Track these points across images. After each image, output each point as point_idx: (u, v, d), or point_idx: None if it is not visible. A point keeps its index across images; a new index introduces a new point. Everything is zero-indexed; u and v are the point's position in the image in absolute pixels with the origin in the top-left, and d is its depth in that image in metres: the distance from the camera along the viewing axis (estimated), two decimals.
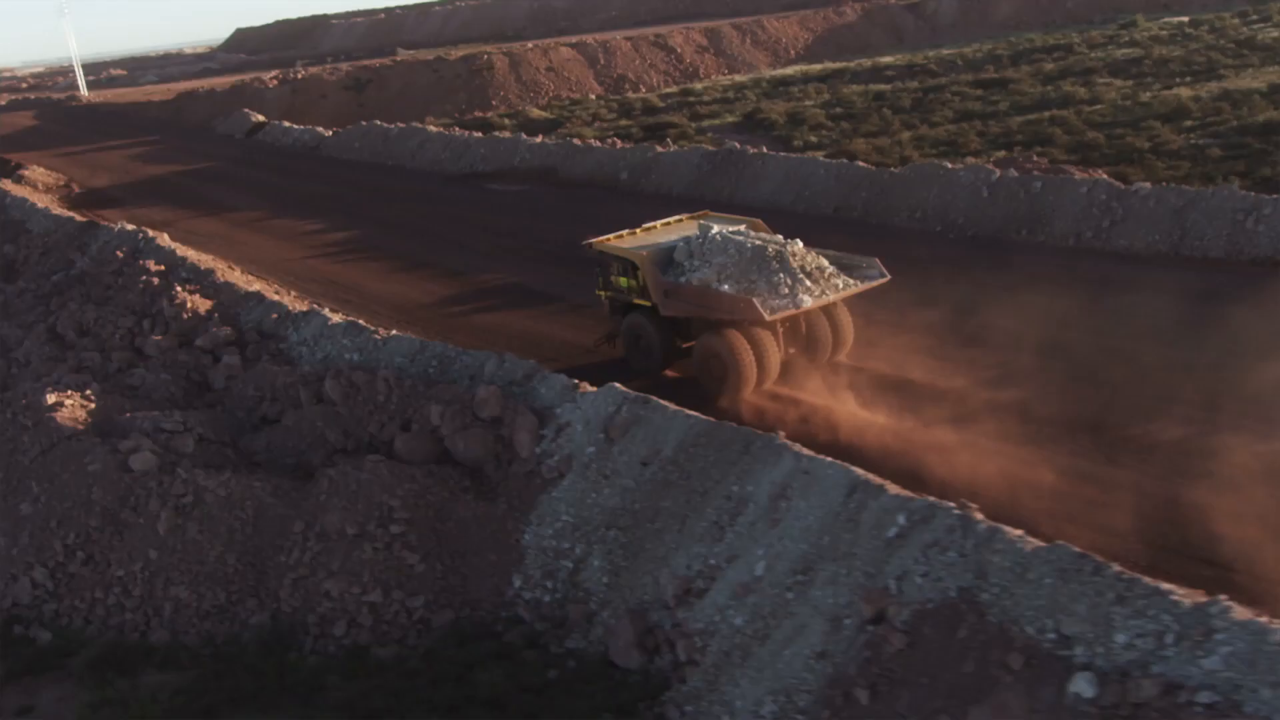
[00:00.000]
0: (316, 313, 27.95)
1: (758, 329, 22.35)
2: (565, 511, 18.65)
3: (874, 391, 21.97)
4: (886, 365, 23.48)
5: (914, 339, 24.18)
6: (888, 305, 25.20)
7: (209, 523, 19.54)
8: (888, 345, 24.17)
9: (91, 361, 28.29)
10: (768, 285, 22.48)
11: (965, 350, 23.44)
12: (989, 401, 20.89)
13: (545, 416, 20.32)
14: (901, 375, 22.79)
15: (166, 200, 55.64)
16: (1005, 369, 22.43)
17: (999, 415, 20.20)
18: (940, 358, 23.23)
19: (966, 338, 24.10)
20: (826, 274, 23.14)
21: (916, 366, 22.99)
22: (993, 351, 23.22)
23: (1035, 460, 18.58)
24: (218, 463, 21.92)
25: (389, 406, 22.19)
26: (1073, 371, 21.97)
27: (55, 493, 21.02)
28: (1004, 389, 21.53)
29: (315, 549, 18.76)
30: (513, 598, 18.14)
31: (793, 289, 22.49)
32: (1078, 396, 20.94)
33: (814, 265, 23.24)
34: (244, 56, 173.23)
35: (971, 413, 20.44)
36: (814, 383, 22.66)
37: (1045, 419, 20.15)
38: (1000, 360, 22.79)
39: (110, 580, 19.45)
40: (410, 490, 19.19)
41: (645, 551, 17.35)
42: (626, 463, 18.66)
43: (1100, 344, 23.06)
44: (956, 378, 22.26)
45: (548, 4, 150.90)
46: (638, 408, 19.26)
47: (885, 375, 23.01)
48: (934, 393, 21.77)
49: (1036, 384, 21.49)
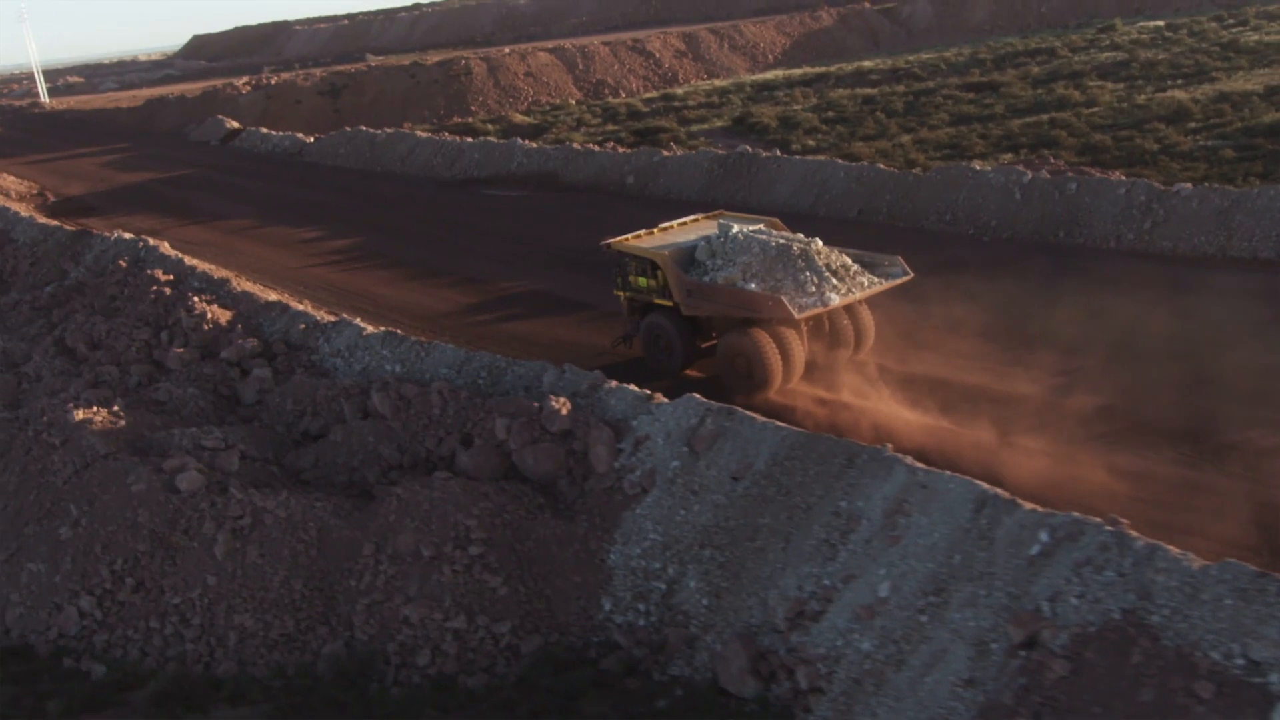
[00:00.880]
0: (347, 322, 26.87)
1: (783, 327, 22.24)
2: (653, 530, 17.74)
3: (946, 399, 21.26)
4: (952, 371, 22.77)
5: (976, 344, 23.54)
6: (941, 309, 24.59)
7: (270, 546, 18.47)
8: (950, 350, 23.48)
9: (109, 375, 27.07)
10: (794, 283, 22.34)
11: (1034, 354, 22.78)
12: (1073, 408, 20.20)
13: (620, 429, 19.39)
14: (974, 382, 22.06)
15: (149, 208, 54.21)
16: (1080, 374, 21.82)
17: (1088, 423, 19.55)
18: (1011, 363, 22.59)
19: (1031, 342, 23.46)
20: (851, 272, 23.03)
21: (987, 373, 22.32)
22: (1063, 356, 22.59)
23: (1138, 470, 17.91)
24: (264, 481, 20.86)
25: (445, 420, 21.20)
26: (1153, 375, 21.35)
27: (97, 515, 19.85)
28: (1085, 394, 20.86)
29: (389, 572, 17.73)
30: (603, 621, 17.20)
31: (819, 287, 22.37)
32: (1166, 401, 20.31)
33: (839, 263, 23.10)
34: (204, 63, 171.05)
35: (1059, 420, 19.73)
36: (882, 392, 21.92)
37: (1137, 425, 19.54)
38: (1074, 365, 22.18)
39: (165, 608, 18.32)
40: (486, 509, 18.21)
41: (747, 571, 16.48)
42: (715, 477, 17.78)
43: (1173, 347, 22.41)
44: (1034, 384, 21.56)
45: (515, 9, 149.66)
46: (722, 419, 18.39)
47: (952, 381, 22.30)
48: (1013, 400, 21.06)
49: (1118, 389, 20.90)
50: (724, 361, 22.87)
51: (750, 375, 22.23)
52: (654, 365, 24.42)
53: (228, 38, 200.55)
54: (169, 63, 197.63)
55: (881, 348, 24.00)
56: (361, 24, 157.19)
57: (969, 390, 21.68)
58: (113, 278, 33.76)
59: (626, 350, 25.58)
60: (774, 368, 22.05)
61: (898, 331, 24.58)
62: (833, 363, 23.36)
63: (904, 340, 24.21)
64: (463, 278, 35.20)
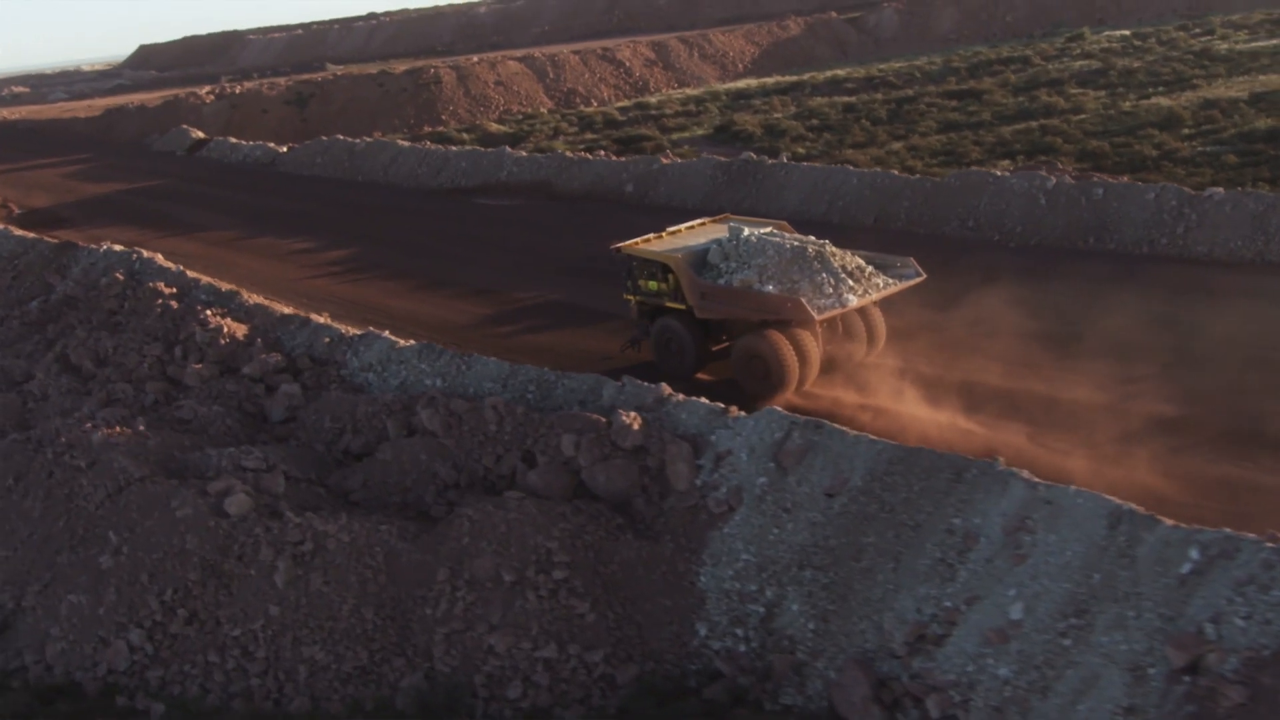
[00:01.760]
0: (376, 336, 25.84)
1: (799, 329, 22.24)
2: (744, 550, 16.92)
3: (1001, 408, 20.68)
4: (1007, 379, 22.15)
5: (1033, 350, 22.96)
6: (988, 316, 24.05)
7: (335, 572, 17.45)
8: (1006, 358, 22.84)
9: (123, 393, 25.88)
10: (811, 285, 22.44)
11: (1095, 361, 22.18)
12: (1147, 416, 19.61)
13: (698, 445, 18.55)
14: (1041, 391, 21.43)
15: (124, 220, 52.59)
16: (1145, 381, 21.25)
17: (1166, 432, 18.96)
18: (1073, 370, 22.00)
19: (1086, 348, 22.86)
20: (866, 273, 23.16)
21: (1047, 380, 21.72)
22: (1121, 363, 22.02)
23: (1239, 482, 17.32)
24: (312, 503, 19.85)
25: (502, 437, 20.25)
26: (1224, 382, 20.79)
27: (139, 542, 18.75)
28: (1152, 402, 20.29)
29: (468, 599, 16.77)
30: (699, 648, 16.35)
31: (836, 288, 22.50)
32: (1240, 409, 19.72)
33: (853, 265, 23.23)
34: (155, 73, 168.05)
35: (1134, 430, 19.13)
36: (938, 399, 21.25)
37: (1221, 434, 18.95)
38: (1137, 372, 21.60)
39: (225, 641, 17.25)
40: (565, 530, 17.31)
41: (855, 593, 15.70)
42: (808, 494, 16.99)
43: (1241, 354, 21.87)
44: (1102, 391, 20.97)
45: (475, 18, 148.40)
46: (810, 433, 17.61)
47: (1014, 390, 21.69)
48: (1083, 408, 20.46)
49: (1188, 395, 20.33)
50: (740, 364, 22.76)
51: (767, 377, 22.18)
52: (665, 369, 24.19)
53: (176, 47, 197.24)
54: (117, 72, 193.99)
55: (933, 355, 23.53)
56: (317, 33, 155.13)
57: (1032, 398, 21.06)
58: (110, 291, 32.45)
59: (635, 354, 25.46)
60: (791, 369, 22.06)
61: (948, 339, 24.03)
62: (846, 364, 23.44)
63: (956, 347, 23.64)
64: (473, 288, 34.20)
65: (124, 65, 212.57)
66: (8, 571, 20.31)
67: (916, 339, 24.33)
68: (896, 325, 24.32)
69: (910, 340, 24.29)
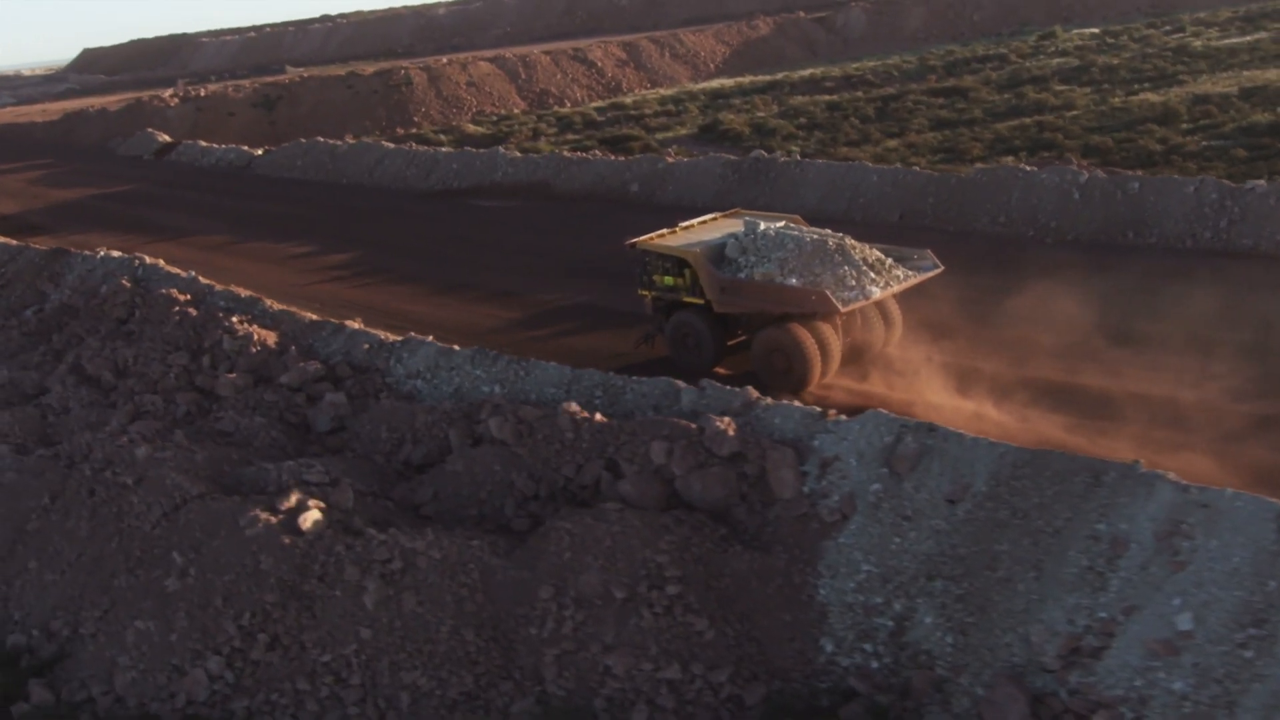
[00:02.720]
0: (419, 341, 24.79)
1: (820, 322, 22.30)
2: (864, 560, 16.12)
3: (1093, 408, 20.11)
4: (1091, 376, 21.59)
5: (1107, 347, 22.43)
6: (1052, 313, 23.54)
7: (428, 592, 16.46)
8: (1086, 356, 22.28)
9: (152, 405, 24.65)
10: (834, 278, 22.41)
11: (1177, 358, 21.61)
12: (1248, 413, 19.07)
13: (800, 450, 17.73)
14: (1132, 389, 20.83)
15: (101, 226, 51.00)
16: (1234, 377, 20.67)
17: (1272, 429, 18.43)
18: (1156, 368, 21.43)
19: (1165, 344, 22.29)
20: (887, 265, 23.15)
21: (1140, 379, 21.14)
22: (1205, 359, 21.43)
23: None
24: (383, 518, 18.83)
25: (580, 445, 19.31)
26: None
27: (207, 563, 17.65)
28: (1253, 400, 19.74)
29: (577, 618, 15.84)
30: (826, 665, 15.52)
31: (859, 280, 22.50)
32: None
33: (873, 258, 23.23)
34: (104, 77, 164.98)
35: (1237, 428, 18.59)
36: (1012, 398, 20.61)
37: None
38: (1224, 368, 21.01)
39: (314, 667, 16.20)
40: (672, 542, 16.43)
41: (994, 605, 14.94)
42: (928, 501, 16.23)
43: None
44: (1192, 389, 20.40)
45: (434, 20, 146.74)
46: (924, 436, 16.85)
47: (1090, 386, 21.15)
48: (1176, 405, 19.87)
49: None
50: (761, 358, 22.75)
51: (789, 371, 22.22)
52: (682, 364, 24.11)
53: (123, 51, 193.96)
54: (62, 76, 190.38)
55: (1011, 353, 22.97)
56: (273, 36, 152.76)
57: (1127, 398, 20.44)
58: (117, 299, 31.09)
59: (649, 350, 25.38)
60: (814, 362, 22.10)
61: (1016, 337, 23.46)
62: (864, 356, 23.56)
63: (1030, 346, 23.06)
64: (492, 292, 33.20)
65: (68, 69, 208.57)
66: (57, 596, 19.12)
67: (988, 337, 23.71)
68: (974, 326, 23.88)
69: (986, 339, 23.68)
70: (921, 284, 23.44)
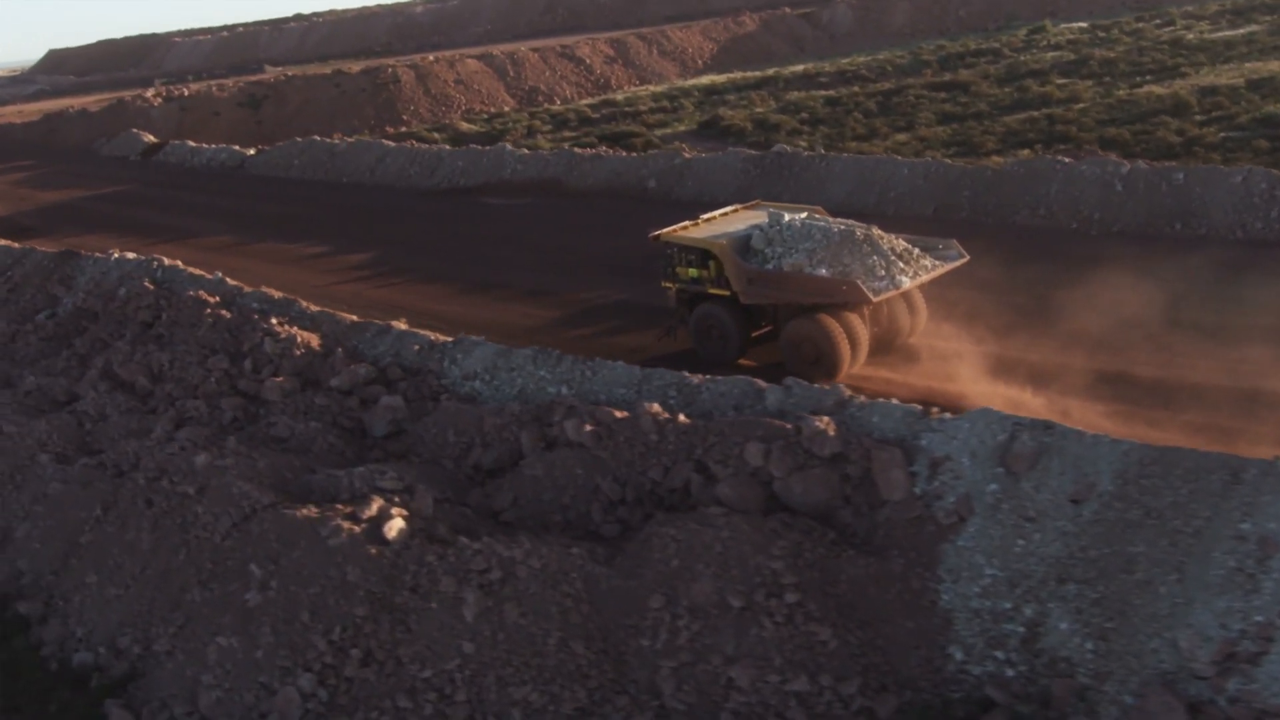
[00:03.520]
0: (473, 341, 24.02)
1: (847, 312, 22.49)
2: (987, 564, 15.50)
3: (1191, 401, 19.66)
4: (1192, 373, 21.14)
5: (1191, 340, 21.98)
6: (1120, 304, 23.11)
7: (531, 602, 15.74)
8: (1171, 349, 21.81)
9: (196, 411, 23.77)
10: (863, 268, 22.52)
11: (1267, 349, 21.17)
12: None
13: (907, 450, 17.10)
14: (1228, 384, 20.33)
15: (97, 228, 49.92)
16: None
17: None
18: (1245, 361, 20.95)
19: (1253, 337, 21.81)
20: (914, 255, 23.25)
21: (1237, 373, 20.65)
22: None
23: None
24: (464, 525, 18.08)
25: (665, 448, 18.60)
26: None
27: (288, 576, 16.86)
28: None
29: (692, 628, 15.15)
30: (956, 673, 14.89)
31: (888, 270, 22.63)
32: None
33: (901, 248, 23.32)
34: (73, 78, 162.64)
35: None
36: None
37: None
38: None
39: (414, 683, 15.44)
40: (784, 548, 15.77)
41: (1134, 609, 14.35)
42: (1051, 501, 15.63)
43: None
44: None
45: (411, 19, 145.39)
46: (1040, 434, 16.26)
47: (1183, 381, 20.65)
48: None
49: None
50: (790, 349, 22.97)
51: (818, 361, 22.46)
52: (706, 356, 24.25)
53: (91, 51, 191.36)
54: (29, 78, 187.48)
55: (1101, 348, 22.60)
56: (248, 35, 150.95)
57: (1220, 393, 19.98)
58: (141, 302, 30.17)
59: (672, 342, 25.41)
60: (844, 352, 22.35)
61: (1092, 330, 23.02)
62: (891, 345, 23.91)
63: (1109, 340, 22.61)
64: (524, 290, 32.46)
65: (35, 70, 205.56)
66: (123, 612, 18.30)
67: (1064, 331, 23.24)
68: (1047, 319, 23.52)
69: (1062, 332, 23.21)
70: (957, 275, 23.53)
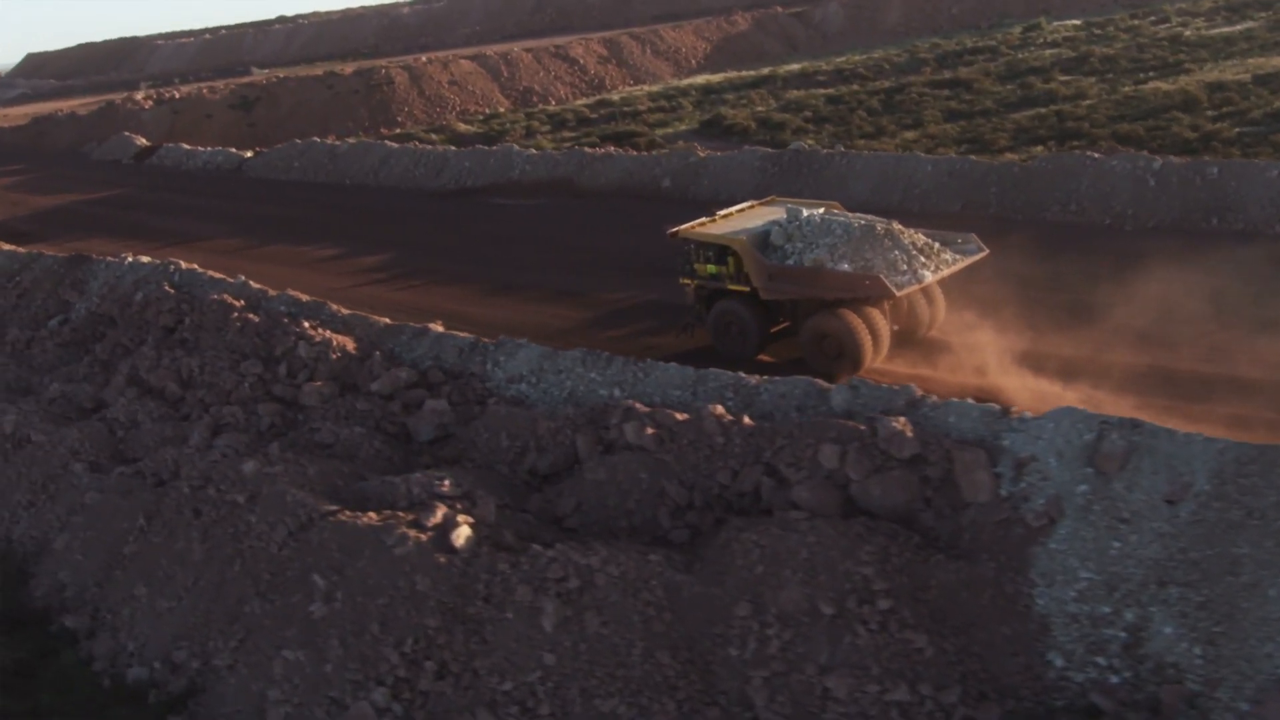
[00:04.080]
0: (516, 343, 23.53)
1: (869, 307, 22.61)
2: (1081, 567, 15.08)
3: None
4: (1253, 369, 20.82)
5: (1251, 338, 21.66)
6: (1165, 300, 22.79)
7: (612, 612, 15.25)
8: (1234, 347, 21.50)
9: (232, 418, 23.18)
10: (885, 262, 22.63)
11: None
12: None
13: (989, 450, 16.68)
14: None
15: (98, 232, 49.27)
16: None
17: None
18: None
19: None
20: (935, 249, 23.31)
21: None
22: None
23: None
24: (530, 532, 17.58)
25: (732, 450, 18.15)
26: None
27: (354, 586, 16.33)
28: None
29: (783, 637, 14.69)
30: (1058, 680, 14.46)
31: (910, 264, 22.74)
32: None
33: (921, 242, 23.38)
34: (54, 82, 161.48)
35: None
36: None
37: None
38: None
39: (494, 697, 14.93)
40: (872, 553, 15.32)
41: (1243, 612, 13.94)
42: (1145, 502, 15.23)
43: None
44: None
45: (398, 20, 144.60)
46: (1130, 433, 15.85)
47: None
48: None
49: None
50: (811, 344, 23.15)
51: (840, 356, 22.64)
52: (725, 352, 24.29)
53: (71, 55, 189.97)
54: (9, 81, 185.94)
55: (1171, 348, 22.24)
56: (231, 37, 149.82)
57: (1258, 386, 19.71)
58: (161, 306, 29.55)
59: (689, 339, 25.44)
60: (866, 347, 22.51)
61: (1141, 325, 22.73)
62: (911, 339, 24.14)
63: (1155, 336, 22.33)
64: (551, 291, 31.98)
65: (13, 74, 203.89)
66: (176, 625, 17.73)
67: (1120, 327, 22.95)
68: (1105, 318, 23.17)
69: (1119, 328, 22.93)
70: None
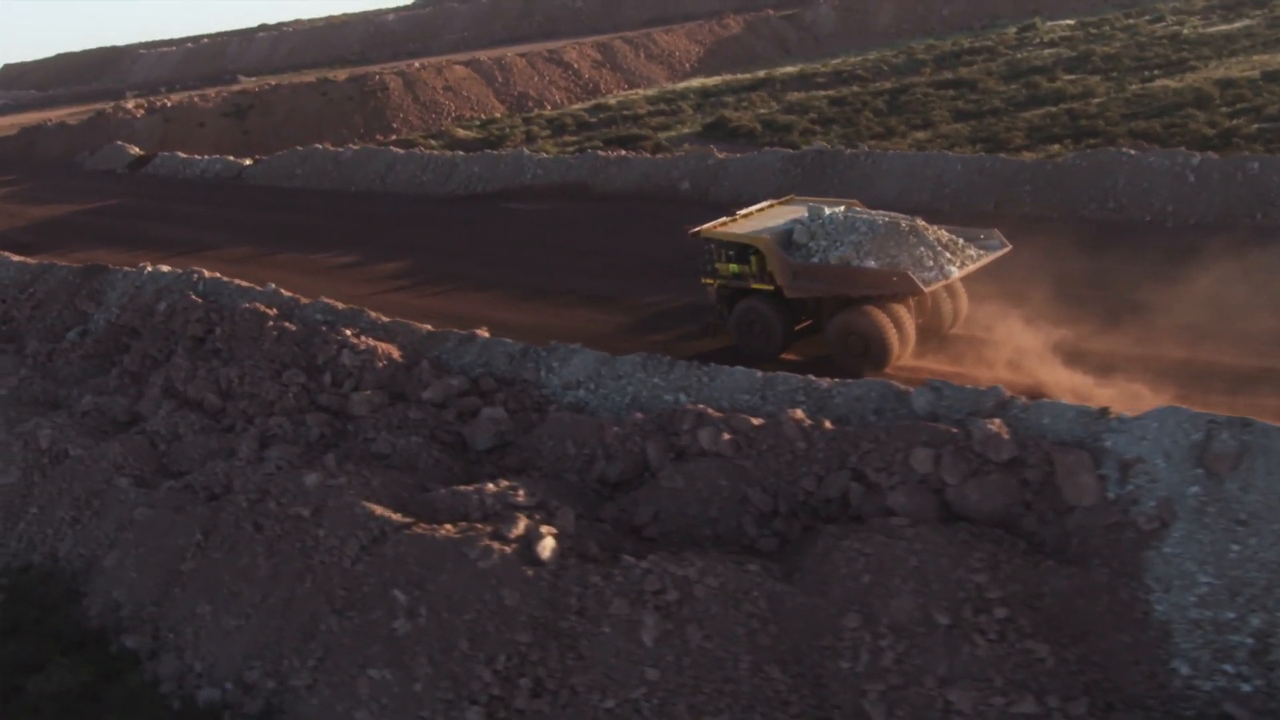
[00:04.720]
0: (569, 348, 22.97)
1: (894, 304, 22.59)
2: (1200, 571, 14.61)
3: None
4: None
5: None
6: (1232, 298, 22.52)
7: (714, 624, 14.70)
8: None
9: (280, 429, 22.54)
10: (910, 259, 22.56)
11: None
12: None
13: (1091, 452, 16.20)
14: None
15: (100, 242, 48.42)
16: None
17: None
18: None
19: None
20: (959, 245, 23.22)
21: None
22: None
23: None
24: (609, 543, 17.03)
25: (815, 456, 17.63)
26: None
27: (438, 601, 15.75)
28: None
29: (898, 648, 14.16)
30: (1184, 689, 13.98)
31: (936, 260, 22.70)
32: None
33: (945, 238, 23.28)
34: (34, 92, 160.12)
35: None
36: None
37: None
38: None
39: (597, 714, 14.36)
40: (983, 560, 14.83)
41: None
42: (1262, 503, 14.75)
43: None
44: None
45: (384, 27, 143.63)
46: (1240, 432, 15.39)
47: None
48: None
49: None
50: (838, 342, 23.08)
51: (866, 353, 22.60)
52: (748, 351, 24.22)
53: (50, 65, 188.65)
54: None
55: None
56: (215, 46, 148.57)
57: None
58: (190, 315, 28.83)
59: (712, 339, 25.37)
60: (893, 344, 22.45)
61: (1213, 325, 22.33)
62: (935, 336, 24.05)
63: (1210, 332, 22.07)
64: (583, 296, 31.41)
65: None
66: (246, 644, 17.10)
67: (1180, 326, 22.56)
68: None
69: (1179, 326, 22.52)
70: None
